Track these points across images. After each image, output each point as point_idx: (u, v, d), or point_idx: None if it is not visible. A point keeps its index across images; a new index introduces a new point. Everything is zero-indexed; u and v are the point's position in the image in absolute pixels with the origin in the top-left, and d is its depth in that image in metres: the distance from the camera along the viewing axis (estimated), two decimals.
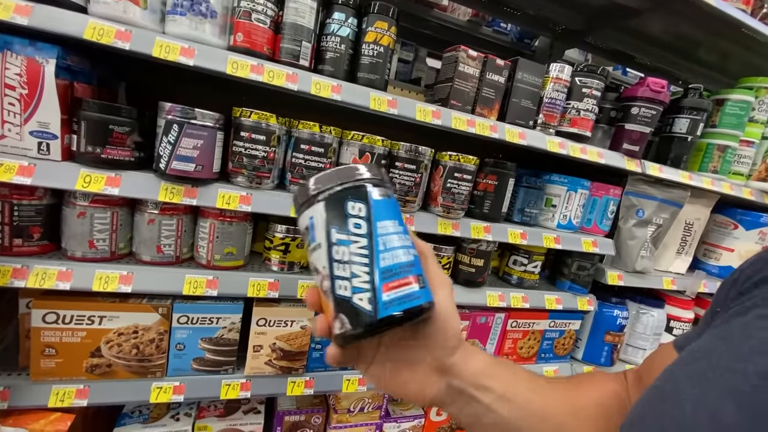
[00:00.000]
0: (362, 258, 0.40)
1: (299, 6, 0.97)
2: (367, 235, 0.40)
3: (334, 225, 0.41)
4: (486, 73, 1.15)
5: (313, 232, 0.42)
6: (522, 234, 1.30)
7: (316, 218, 0.42)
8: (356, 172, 0.42)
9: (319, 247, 0.41)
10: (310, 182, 0.42)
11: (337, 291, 0.40)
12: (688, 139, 1.44)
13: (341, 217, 0.41)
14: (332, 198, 0.41)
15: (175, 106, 0.88)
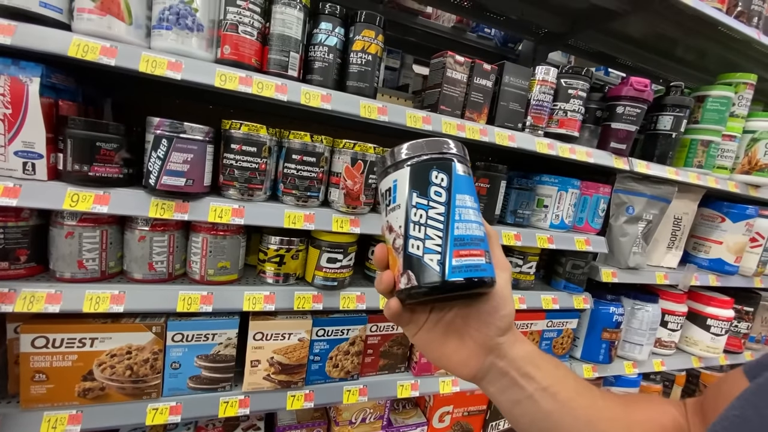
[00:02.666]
0: (438, 223, 0.43)
1: (286, 17, 0.97)
2: (445, 203, 0.43)
3: (416, 189, 0.44)
4: (474, 78, 1.16)
5: (395, 194, 0.45)
6: (516, 235, 1.31)
7: (400, 181, 0.45)
8: (445, 146, 0.45)
9: (399, 208, 0.45)
10: (399, 148, 0.45)
11: (409, 249, 0.43)
12: (672, 136, 1.47)
13: (425, 183, 0.44)
14: (419, 165, 0.44)
15: (163, 121, 0.87)
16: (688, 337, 1.82)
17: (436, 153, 0.44)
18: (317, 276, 1.13)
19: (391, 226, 0.45)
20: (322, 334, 1.18)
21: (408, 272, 0.43)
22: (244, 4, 0.92)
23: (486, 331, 0.45)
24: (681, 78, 2.07)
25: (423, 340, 0.48)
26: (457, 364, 0.47)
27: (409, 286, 0.42)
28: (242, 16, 0.93)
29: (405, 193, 0.44)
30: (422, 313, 0.48)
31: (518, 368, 0.45)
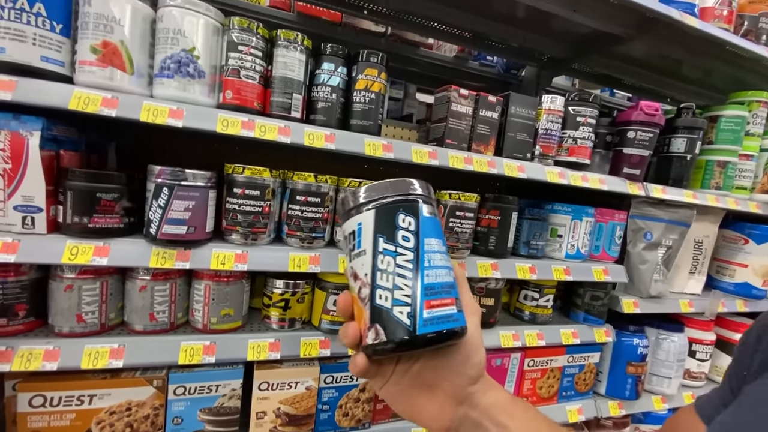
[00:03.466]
0: (407, 271, 0.40)
1: (288, 60, 0.96)
2: (414, 249, 0.41)
3: (383, 234, 0.41)
4: (479, 110, 1.14)
5: (360, 238, 0.42)
6: (531, 268, 1.25)
7: (365, 225, 0.42)
8: (410, 186, 0.43)
9: (364, 254, 0.42)
10: (363, 190, 0.43)
11: (376, 300, 0.40)
12: (687, 158, 1.43)
13: (391, 228, 0.41)
14: (384, 208, 0.42)
15: (164, 169, 0.86)
16: (718, 366, 1.72)
17: (402, 194, 0.42)
18: (324, 320, 1.08)
19: (356, 274, 0.42)
20: (331, 381, 1.12)
21: (376, 326, 0.40)
22: (245, 50, 0.92)
23: (457, 382, 0.43)
24: (688, 96, 2.04)
25: (390, 393, 0.45)
26: (428, 419, 0.44)
27: (376, 342, 0.39)
28: (244, 61, 0.92)
29: (370, 238, 0.42)
30: (389, 365, 0.45)
31: (491, 418, 0.43)
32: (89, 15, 0.81)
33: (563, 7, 1.28)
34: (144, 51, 0.88)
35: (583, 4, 1.26)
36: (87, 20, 0.81)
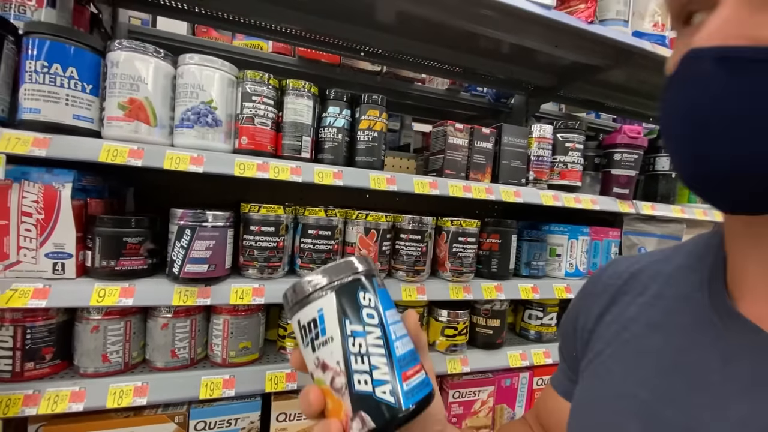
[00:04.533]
0: (379, 348, 0.39)
1: (297, 107, 1.05)
2: (379, 325, 0.40)
3: (348, 316, 0.40)
4: (474, 142, 1.22)
5: (323, 325, 0.40)
6: (533, 288, 1.30)
7: (327, 309, 0.40)
8: (362, 263, 0.42)
9: (331, 341, 0.39)
10: (315, 276, 0.41)
11: (355, 387, 0.38)
12: (672, 175, 1.51)
13: (354, 307, 0.40)
14: (345, 288, 0.41)
15: (186, 212, 0.92)
16: None
17: (356, 272, 0.42)
18: None
19: (325, 364, 0.40)
20: None
21: (360, 414, 0.38)
22: (259, 99, 1.00)
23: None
24: None
25: None
26: None
27: (366, 430, 0.37)
28: (257, 109, 1.00)
29: (335, 323, 0.40)
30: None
31: None
32: (116, 75, 0.89)
33: (545, 43, 1.39)
34: (165, 104, 0.95)
35: (563, 41, 1.37)
36: (114, 80, 0.89)
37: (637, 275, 0.52)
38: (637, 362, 0.44)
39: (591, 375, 0.50)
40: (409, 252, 1.15)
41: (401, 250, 1.15)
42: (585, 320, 0.55)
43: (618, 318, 0.50)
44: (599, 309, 0.53)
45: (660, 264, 0.50)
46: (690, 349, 0.40)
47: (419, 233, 1.15)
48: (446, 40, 1.48)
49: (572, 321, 0.58)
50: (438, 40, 1.50)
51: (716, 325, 0.39)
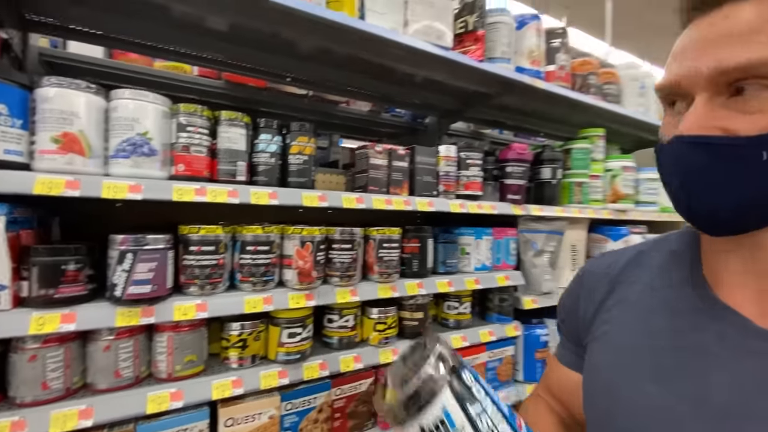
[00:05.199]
0: (497, 415, 0.43)
1: (231, 135, 1.15)
2: (487, 395, 0.44)
3: (467, 400, 0.42)
4: (392, 162, 1.42)
5: (451, 419, 0.42)
6: (449, 282, 1.53)
7: (449, 404, 0.42)
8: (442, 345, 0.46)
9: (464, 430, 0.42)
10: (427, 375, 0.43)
11: None
12: (553, 183, 1.86)
13: (468, 390, 0.43)
14: (456, 377, 0.43)
15: (127, 237, 0.97)
16: None
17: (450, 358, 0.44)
18: (280, 352, 1.23)
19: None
20: (290, 407, 1.25)
21: None
22: (194, 129, 1.09)
23: None
24: (555, 131, 2.59)
25: None
26: None
27: None
28: (193, 138, 1.09)
29: (460, 413, 0.42)
30: None
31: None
32: (48, 111, 0.93)
33: (448, 76, 1.65)
34: (99, 135, 1.00)
35: (461, 75, 1.64)
36: (46, 115, 0.93)
37: (627, 267, 0.63)
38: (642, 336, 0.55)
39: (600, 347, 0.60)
40: (341, 260, 1.30)
41: (334, 259, 1.30)
42: (587, 305, 0.65)
43: (619, 302, 0.61)
44: (600, 296, 0.63)
45: (643, 256, 0.64)
46: (686, 329, 0.51)
47: (350, 242, 1.31)
48: (366, 70, 1.67)
49: (574, 306, 0.68)
50: (358, 71, 1.69)
51: (705, 310, 0.50)
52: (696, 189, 0.46)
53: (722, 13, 0.44)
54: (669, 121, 0.50)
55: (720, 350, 0.47)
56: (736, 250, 0.49)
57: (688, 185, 0.47)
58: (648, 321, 0.56)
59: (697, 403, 0.46)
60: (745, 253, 0.48)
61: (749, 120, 0.42)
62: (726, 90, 0.44)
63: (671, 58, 0.49)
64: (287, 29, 1.32)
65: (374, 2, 1.37)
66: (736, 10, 0.43)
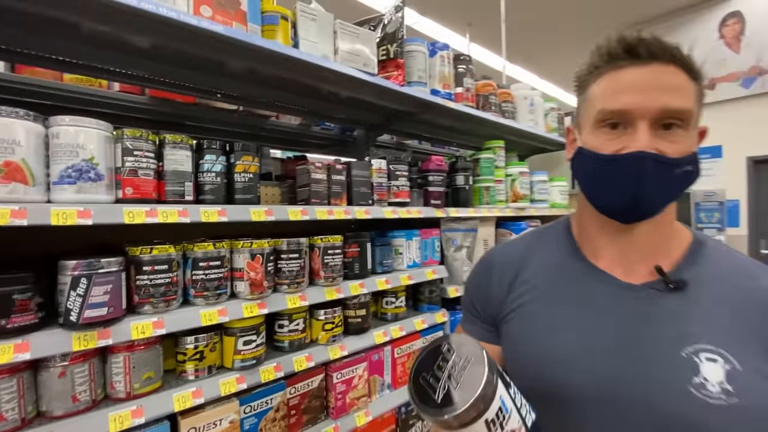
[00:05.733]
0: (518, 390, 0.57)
1: (177, 157, 1.21)
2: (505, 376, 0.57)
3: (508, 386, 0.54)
4: (331, 176, 1.58)
5: (504, 405, 0.52)
6: (386, 281, 1.73)
7: (502, 393, 0.52)
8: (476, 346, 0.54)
9: (512, 412, 0.52)
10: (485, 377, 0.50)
11: (528, 424, 0.55)
12: (466, 188, 2.18)
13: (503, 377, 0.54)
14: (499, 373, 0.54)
15: (80, 262, 0.99)
16: None
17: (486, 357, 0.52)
18: (236, 360, 1.31)
19: (513, 430, 0.52)
20: (249, 410, 1.33)
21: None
22: (140, 153, 1.13)
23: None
24: (464, 141, 2.96)
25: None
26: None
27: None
28: (140, 162, 1.13)
29: (508, 398, 0.52)
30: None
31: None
32: None
33: (375, 97, 1.86)
34: (40, 162, 1.00)
35: (385, 96, 1.85)
36: None
37: (525, 254, 0.80)
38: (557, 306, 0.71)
39: (518, 320, 0.75)
40: (290, 268, 1.42)
41: (283, 268, 1.41)
42: (498, 288, 0.79)
43: (526, 282, 0.76)
44: (509, 279, 0.78)
45: (533, 246, 0.81)
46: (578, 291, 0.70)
47: (297, 252, 1.44)
48: (295, 89, 1.79)
49: (485, 292, 0.81)
50: (288, 89, 1.80)
51: (589, 275, 0.70)
52: (647, 189, 0.61)
53: (652, 67, 0.61)
54: (608, 137, 0.64)
55: (604, 301, 0.67)
56: (617, 232, 0.68)
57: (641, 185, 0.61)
58: (549, 291, 0.73)
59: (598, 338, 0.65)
60: (622, 235, 0.68)
61: (673, 147, 0.61)
62: (659, 123, 0.61)
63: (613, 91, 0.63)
64: (223, 55, 1.40)
65: (307, 32, 1.52)
66: (666, 70, 0.61)
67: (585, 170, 0.69)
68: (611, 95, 0.63)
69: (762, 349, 0.58)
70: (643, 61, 0.62)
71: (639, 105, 0.61)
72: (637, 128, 0.61)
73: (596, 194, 0.68)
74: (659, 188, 0.62)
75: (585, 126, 0.69)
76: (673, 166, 0.61)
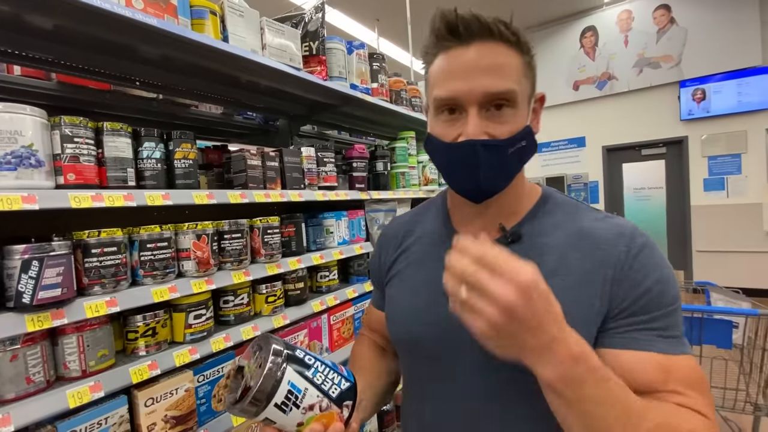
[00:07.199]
0: (325, 367, 0.64)
1: (117, 144, 1.25)
2: (315, 358, 0.64)
3: (303, 368, 0.61)
4: (266, 162, 1.71)
5: (297, 386, 0.60)
6: (320, 256, 1.93)
7: (293, 377, 0.60)
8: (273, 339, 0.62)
9: (308, 389, 0.61)
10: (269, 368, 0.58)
11: (333, 395, 0.63)
12: (385, 173, 2.46)
13: (302, 362, 0.62)
14: (290, 359, 0.61)
15: (30, 246, 1.01)
16: None
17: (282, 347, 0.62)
18: (187, 333, 1.40)
19: (311, 405, 0.60)
20: (203, 379, 1.44)
21: (344, 404, 0.64)
22: (81, 140, 1.16)
23: None
24: (380, 132, 3.26)
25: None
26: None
27: (351, 407, 0.64)
28: (81, 149, 1.16)
29: (302, 379, 0.60)
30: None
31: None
32: None
33: (299, 90, 2.02)
34: None
35: (310, 89, 2.02)
36: None
37: (411, 225, 0.87)
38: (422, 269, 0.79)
39: (395, 284, 0.83)
40: (233, 247, 1.54)
41: (227, 247, 1.53)
42: (386, 257, 0.87)
43: (406, 250, 0.83)
44: (393, 248, 0.86)
45: (419, 218, 0.87)
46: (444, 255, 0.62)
47: (239, 232, 1.56)
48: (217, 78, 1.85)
49: (377, 260, 0.91)
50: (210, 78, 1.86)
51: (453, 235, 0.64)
52: (484, 174, 0.65)
53: (474, 47, 0.61)
54: (448, 124, 0.66)
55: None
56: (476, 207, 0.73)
57: (478, 171, 0.64)
58: (420, 256, 0.81)
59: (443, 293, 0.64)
60: (480, 208, 0.73)
61: (502, 128, 0.63)
62: (488, 106, 0.63)
63: (443, 76, 0.64)
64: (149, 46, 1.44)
65: (235, 27, 1.63)
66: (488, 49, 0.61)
67: (434, 156, 0.73)
68: (442, 81, 0.65)
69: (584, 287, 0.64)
70: (466, 41, 0.62)
71: (464, 91, 0.62)
72: (468, 113, 0.63)
73: (447, 179, 0.73)
74: (495, 170, 0.65)
75: (430, 109, 0.71)
76: (505, 147, 0.64)
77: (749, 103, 6.15)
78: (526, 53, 0.65)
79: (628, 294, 0.63)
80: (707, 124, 6.46)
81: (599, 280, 0.64)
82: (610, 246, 0.65)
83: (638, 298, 0.62)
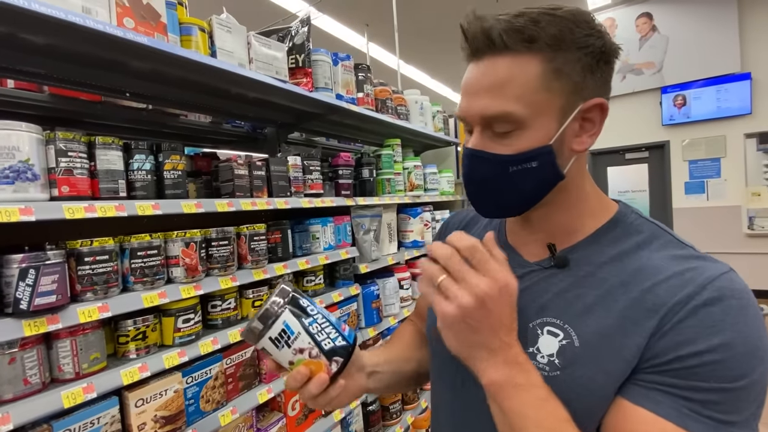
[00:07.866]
0: (326, 322, 0.67)
1: (109, 157, 1.32)
2: (318, 311, 0.67)
3: (302, 315, 0.65)
4: (252, 171, 1.79)
5: (290, 329, 0.63)
6: (306, 261, 2.01)
7: (288, 319, 0.63)
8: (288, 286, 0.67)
9: (300, 334, 0.64)
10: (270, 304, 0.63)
11: (325, 347, 0.65)
12: (371, 180, 2.55)
13: (303, 309, 0.65)
14: (292, 302, 0.65)
15: (27, 255, 1.08)
16: (415, 291, 3.02)
17: (290, 291, 0.66)
18: (177, 337, 1.47)
19: (301, 349, 0.63)
20: (191, 380, 1.51)
21: (333, 358, 0.65)
22: (74, 154, 1.22)
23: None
24: (366, 139, 3.34)
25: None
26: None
27: (341, 362, 0.65)
28: (74, 162, 1.22)
29: (297, 323, 0.63)
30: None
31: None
32: None
33: (287, 101, 2.09)
34: None
35: (296, 100, 2.10)
36: None
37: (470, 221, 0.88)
38: None
39: None
40: (221, 254, 1.61)
41: (214, 254, 1.60)
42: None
43: None
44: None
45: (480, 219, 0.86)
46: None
47: (226, 239, 1.63)
48: (206, 90, 1.92)
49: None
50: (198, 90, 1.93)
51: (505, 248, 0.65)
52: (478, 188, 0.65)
53: (483, 63, 0.58)
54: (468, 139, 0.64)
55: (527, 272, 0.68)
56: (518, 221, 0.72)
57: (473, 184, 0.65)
58: None
59: None
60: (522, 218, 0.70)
61: (504, 148, 0.59)
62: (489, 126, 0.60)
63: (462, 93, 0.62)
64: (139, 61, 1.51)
65: (223, 42, 1.70)
66: (492, 65, 0.57)
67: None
68: (461, 97, 0.64)
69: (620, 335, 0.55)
70: (477, 56, 0.59)
71: (466, 112, 0.61)
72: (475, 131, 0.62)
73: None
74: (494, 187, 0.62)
75: None
76: (504, 163, 0.59)
77: (728, 108, 6.36)
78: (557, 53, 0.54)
79: (668, 350, 0.51)
80: (688, 129, 6.66)
81: (639, 332, 0.53)
82: (666, 292, 0.53)
83: (680, 359, 0.50)
